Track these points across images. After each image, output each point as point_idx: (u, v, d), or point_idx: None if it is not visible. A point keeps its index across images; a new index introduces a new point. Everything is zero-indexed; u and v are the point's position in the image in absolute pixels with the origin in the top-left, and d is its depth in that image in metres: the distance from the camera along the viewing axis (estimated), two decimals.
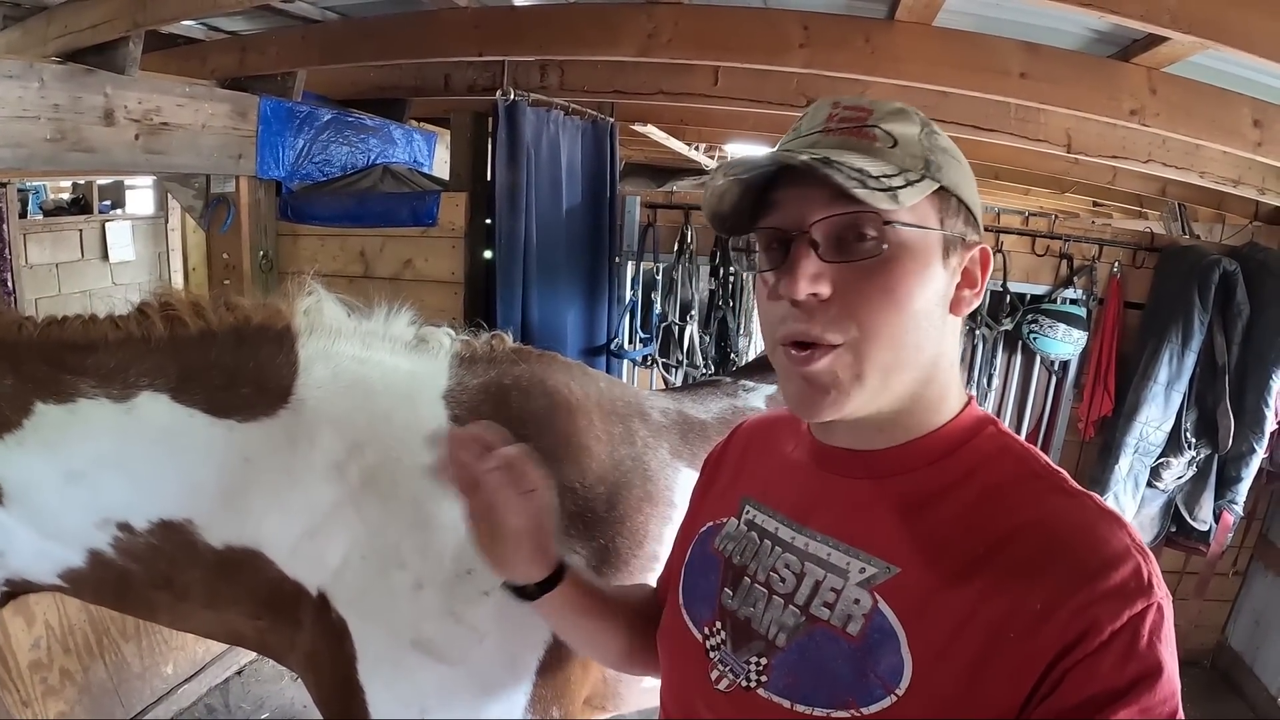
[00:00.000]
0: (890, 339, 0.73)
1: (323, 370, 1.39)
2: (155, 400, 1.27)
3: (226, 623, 1.46)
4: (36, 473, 1.22)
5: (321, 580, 1.39)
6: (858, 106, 0.77)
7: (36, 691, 2.49)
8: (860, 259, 0.73)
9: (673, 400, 1.91)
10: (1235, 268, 3.30)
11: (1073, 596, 0.64)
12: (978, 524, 0.72)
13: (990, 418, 0.82)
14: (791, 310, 0.74)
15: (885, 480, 0.79)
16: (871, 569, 0.75)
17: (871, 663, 0.71)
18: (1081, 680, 0.62)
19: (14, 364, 1.21)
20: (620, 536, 1.54)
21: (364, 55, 3.26)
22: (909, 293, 0.73)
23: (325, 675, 1.42)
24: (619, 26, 2.66)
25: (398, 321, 1.51)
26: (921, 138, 0.76)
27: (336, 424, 1.38)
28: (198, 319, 1.32)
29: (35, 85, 2.60)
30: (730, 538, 0.89)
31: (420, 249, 3.54)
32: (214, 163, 3.34)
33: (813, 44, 2.55)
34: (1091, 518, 0.70)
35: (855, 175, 0.68)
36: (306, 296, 1.42)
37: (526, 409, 1.53)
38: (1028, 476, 0.75)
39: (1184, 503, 3.59)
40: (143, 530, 1.29)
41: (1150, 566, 0.67)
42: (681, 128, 5.07)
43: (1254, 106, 2.63)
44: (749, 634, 0.81)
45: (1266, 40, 1.90)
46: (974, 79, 2.52)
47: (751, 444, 1.01)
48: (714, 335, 3.85)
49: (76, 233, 6.70)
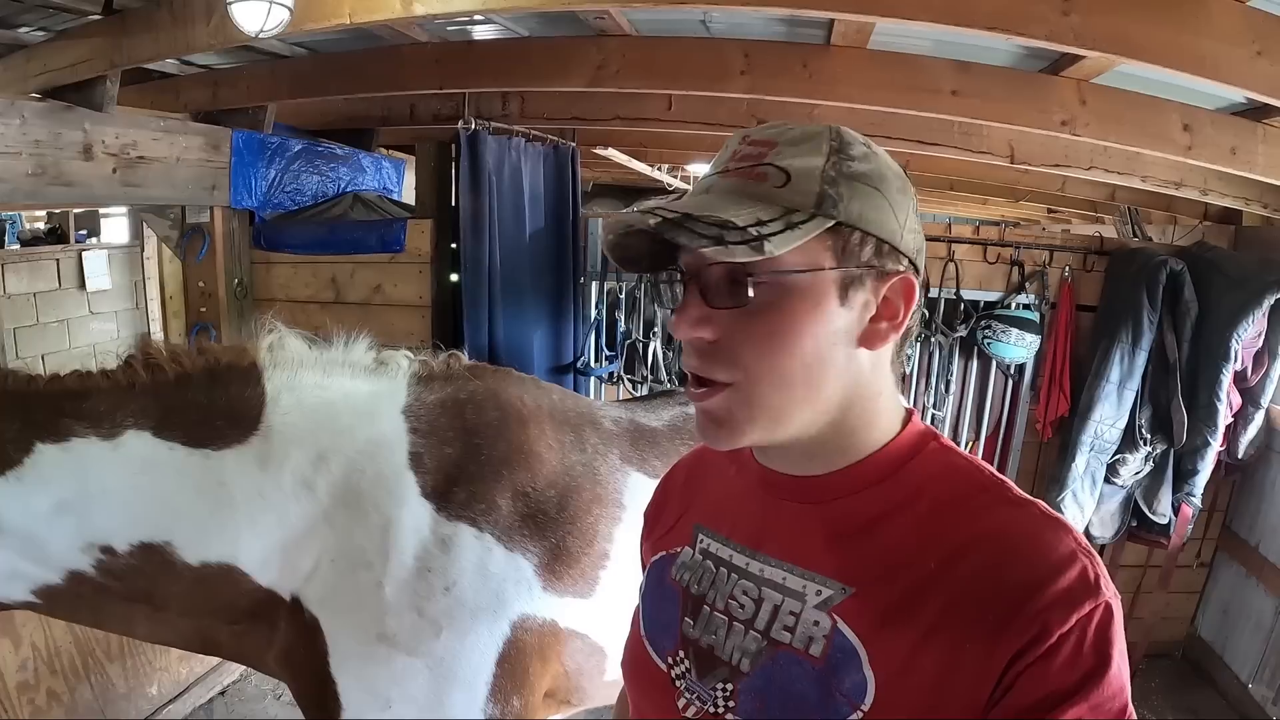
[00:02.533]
0: (775, 382, 0.73)
1: (288, 399, 1.54)
2: (139, 437, 1.43)
3: (203, 630, 1.58)
4: (31, 504, 1.37)
5: (294, 586, 1.52)
6: (762, 140, 0.75)
7: (23, 713, 2.54)
8: (733, 306, 0.72)
9: (625, 410, 2.02)
10: (1182, 267, 3.40)
11: (1023, 605, 0.65)
12: (928, 540, 0.72)
13: (932, 432, 0.81)
14: (687, 347, 0.77)
15: (831, 504, 0.79)
16: (828, 590, 0.75)
17: (836, 682, 0.71)
18: (1033, 683, 0.64)
19: (24, 412, 1.38)
20: (571, 536, 1.65)
21: (331, 89, 3.38)
22: (794, 336, 0.72)
23: (300, 671, 1.54)
24: (570, 58, 2.79)
25: (356, 349, 1.66)
26: (827, 168, 0.72)
27: (302, 444, 1.52)
28: (174, 364, 1.49)
29: (16, 122, 2.70)
30: (686, 567, 0.89)
31: (389, 274, 3.64)
32: (189, 194, 3.44)
33: (754, 71, 2.67)
34: (1038, 526, 0.71)
35: (710, 233, 0.68)
36: (269, 334, 1.58)
37: (480, 420, 1.66)
38: (974, 490, 0.75)
39: (1143, 497, 3.67)
40: (124, 553, 1.43)
41: (1097, 568, 0.68)
42: (642, 150, 5.21)
43: (1182, 112, 2.75)
44: (713, 661, 0.81)
45: (1173, 52, 2.01)
46: (908, 98, 2.64)
47: (694, 472, 1.01)
48: (677, 350, 3.91)
49: (54, 262, 6.73)
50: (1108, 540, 3.77)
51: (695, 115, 3.51)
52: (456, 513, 1.55)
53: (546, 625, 1.61)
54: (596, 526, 1.69)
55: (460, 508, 1.56)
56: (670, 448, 1.89)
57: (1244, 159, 2.77)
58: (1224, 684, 3.79)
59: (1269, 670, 3.50)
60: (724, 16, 2.58)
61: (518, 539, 1.59)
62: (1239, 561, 3.84)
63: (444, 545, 1.53)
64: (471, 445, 1.62)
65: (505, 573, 1.57)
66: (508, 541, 1.58)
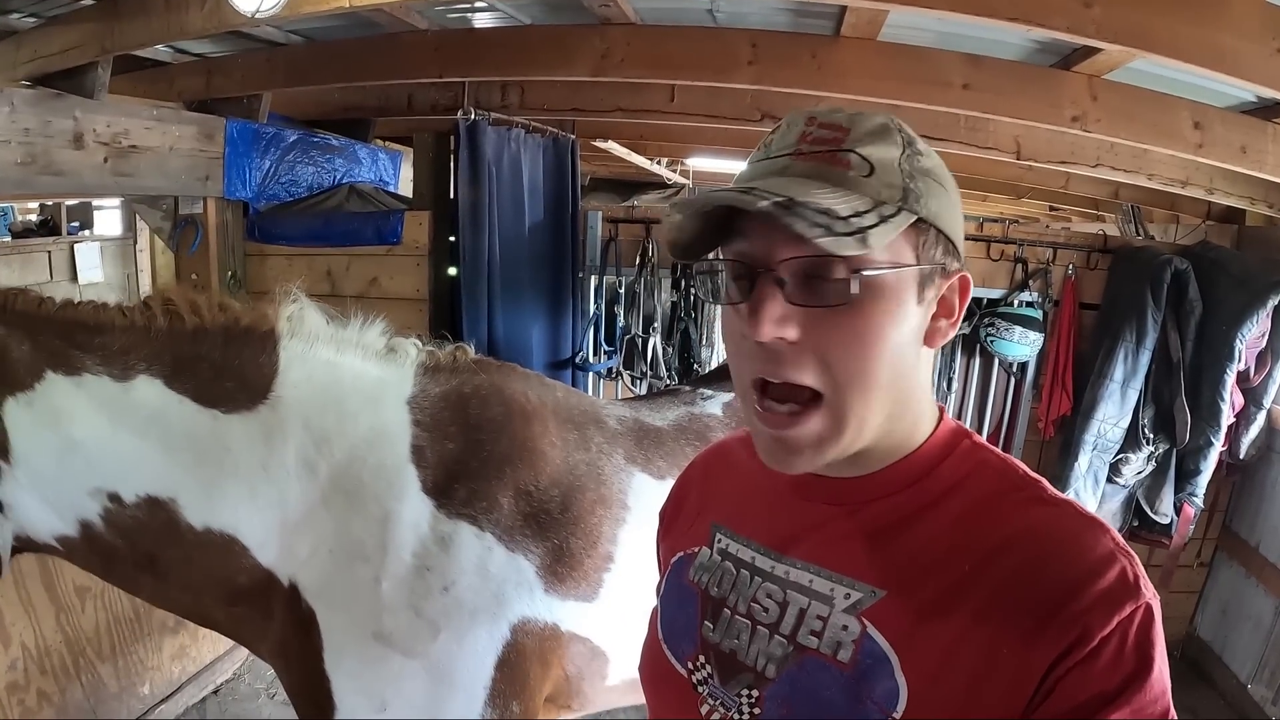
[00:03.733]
0: (864, 386, 0.70)
1: (299, 371, 1.51)
2: (151, 384, 1.41)
3: (203, 606, 1.55)
4: (41, 435, 1.34)
5: (292, 571, 1.49)
6: (833, 124, 0.71)
7: (14, 714, 2.49)
8: (830, 304, 0.68)
9: (630, 409, 1.98)
10: (1186, 266, 3.39)
11: (1063, 607, 0.63)
12: (962, 542, 0.70)
13: (964, 430, 0.79)
14: (757, 350, 0.70)
15: (864, 506, 0.76)
16: (857, 594, 0.73)
17: (866, 689, 0.69)
18: (1074, 687, 0.62)
19: (32, 334, 1.34)
20: (574, 537, 1.61)
21: (328, 78, 3.31)
22: (882, 336, 0.69)
23: (294, 664, 1.51)
24: (573, 47, 2.74)
25: (371, 331, 1.63)
26: (902, 162, 0.69)
27: (308, 422, 1.49)
28: (194, 315, 1.45)
29: (5, 110, 2.63)
30: (704, 568, 0.86)
31: (385, 267, 3.60)
32: (182, 184, 3.37)
33: (761, 61, 2.62)
34: (1075, 526, 0.69)
35: (820, 221, 0.63)
36: (291, 304, 1.54)
37: (484, 415, 1.62)
38: (1008, 490, 0.73)
39: (1144, 497, 3.66)
40: (131, 503, 1.40)
41: (1136, 568, 0.66)
42: (642, 143, 5.17)
43: (1193, 110, 2.71)
44: (736, 666, 0.78)
45: (1192, 47, 1.98)
46: (918, 91, 2.60)
47: (711, 469, 0.99)
48: (677, 346, 3.91)
49: (45, 254, 6.73)
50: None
51: (698, 107, 3.46)
52: (457, 510, 1.52)
53: (548, 628, 1.58)
54: (600, 528, 1.64)
55: (461, 505, 1.52)
56: (675, 448, 1.85)
57: (1254, 158, 2.74)
58: (1223, 684, 3.79)
59: (1268, 670, 3.50)
60: (731, 5, 2.54)
61: (519, 539, 1.55)
62: (1239, 561, 3.83)
63: (443, 543, 1.49)
64: (474, 441, 1.58)
65: (506, 574, 1.53)
66: (509, 541, 1.54)
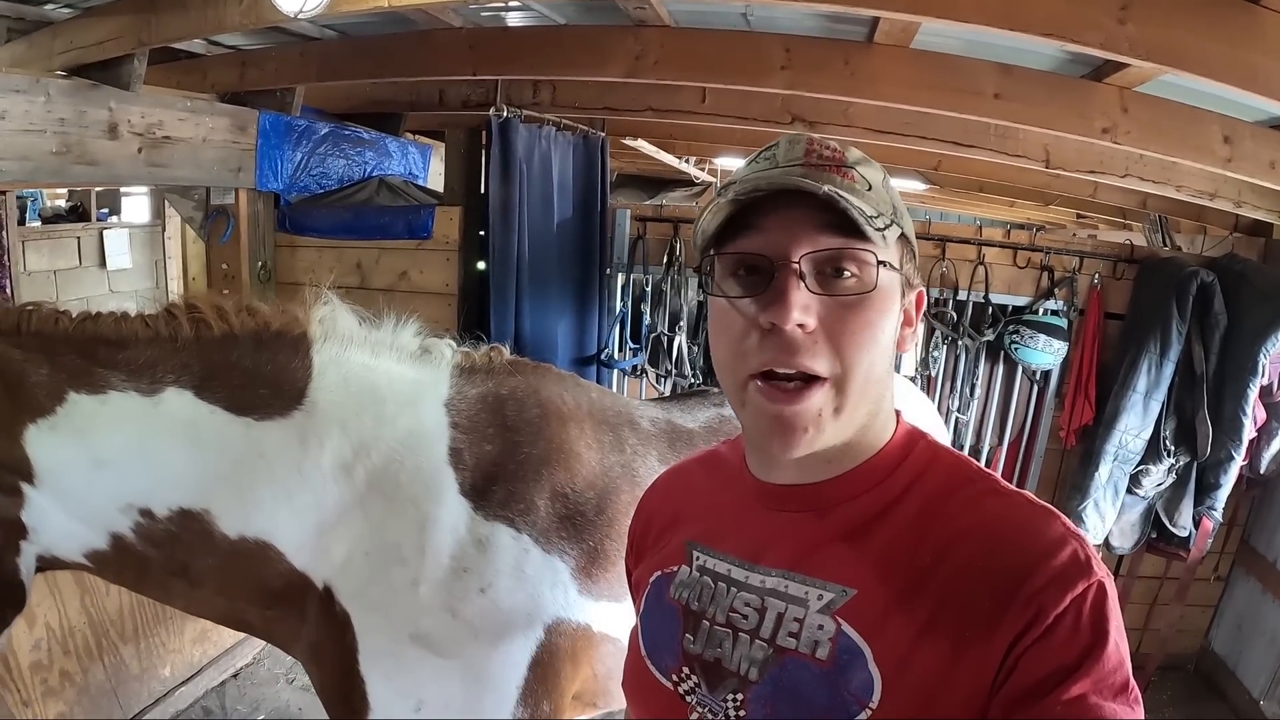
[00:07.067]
0: (867, 373, 0.75)
1: (334, 375, 1.49)
2: (180, 396, 1.38)
3: (237, 610, 1.54)
4: (67, 457, 1.31)
5: (327, 575, 1.48)
6: (830, 147, 0.77)
7: (37, 692, 2.53)
8: (847, 294, 0.74)
9: (662, 410, 1.98)
10: (1213, 279, 3.36)
11: (1019, 588, 0.67)
12: (922, 536, 0.75)
13: (919, 431, 0.85)
14: (769, 340, 0.74)
15: (832, 510, 0.81)
16: (829, 594, 0.77)
17: (844, 682, 0.73)
18: (1034, 662, 0.65)
19: (50, 355, 1.31)
20: (609, 539, 1.62)
21: (361, 73, 3.34)
22: (885, 328, 0.76)
23: (328, 665, 1.50)
24: (608, 48, 2.75)
25: (405, 332, 1.62)
26: (884, 185, 0.78)
27: (345, 427, 1.47)
28: (221, 322, 1.43)
29: (41, 99, 2.68)
30: (685, 585, 0.89)
31: (415, 261, 3.63)
32: (214, 175, 3.42)
33: (794, 66, 2.63)
34: (1027, 513, 0.74)
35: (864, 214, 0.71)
36: (322, 306, 1.52)
37: (521, 418, 1.62)
38: (961, 483, 0.78)
39: (1164, 509, 3.63)
40: (163, 517, 1.38)
41: (1087, 549, 0.70)
42: (671, 142, 5.18)
43: (1223, 124, 2.70)
44: (721, 673, 0.82)
45: (1223, 65, 1.98)
46: (949, 99, 2.60)
47: (672, 490, 1.03)
48: (702, 345, 3.89)
49: (74, 240, 6.77)
50: (1127, 551, 3.74)
51: (729, 109, 3.47)
52: (494, 512, 1.52)
53: (580, 629, 1.59)
54: None
55: (498, 507, 1.52)
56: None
57: None
58: (1235, 699, 3.77)
59: None
60: (765, 11, 2.54)
61: (555, 541, 1.56)
62: (1255, 576, 3.81)
63: (481, 545, 1.50)
64: (511, 443, 1.59)
65: (542, 575, 1.54)
66: (545, 543, 1.55)
